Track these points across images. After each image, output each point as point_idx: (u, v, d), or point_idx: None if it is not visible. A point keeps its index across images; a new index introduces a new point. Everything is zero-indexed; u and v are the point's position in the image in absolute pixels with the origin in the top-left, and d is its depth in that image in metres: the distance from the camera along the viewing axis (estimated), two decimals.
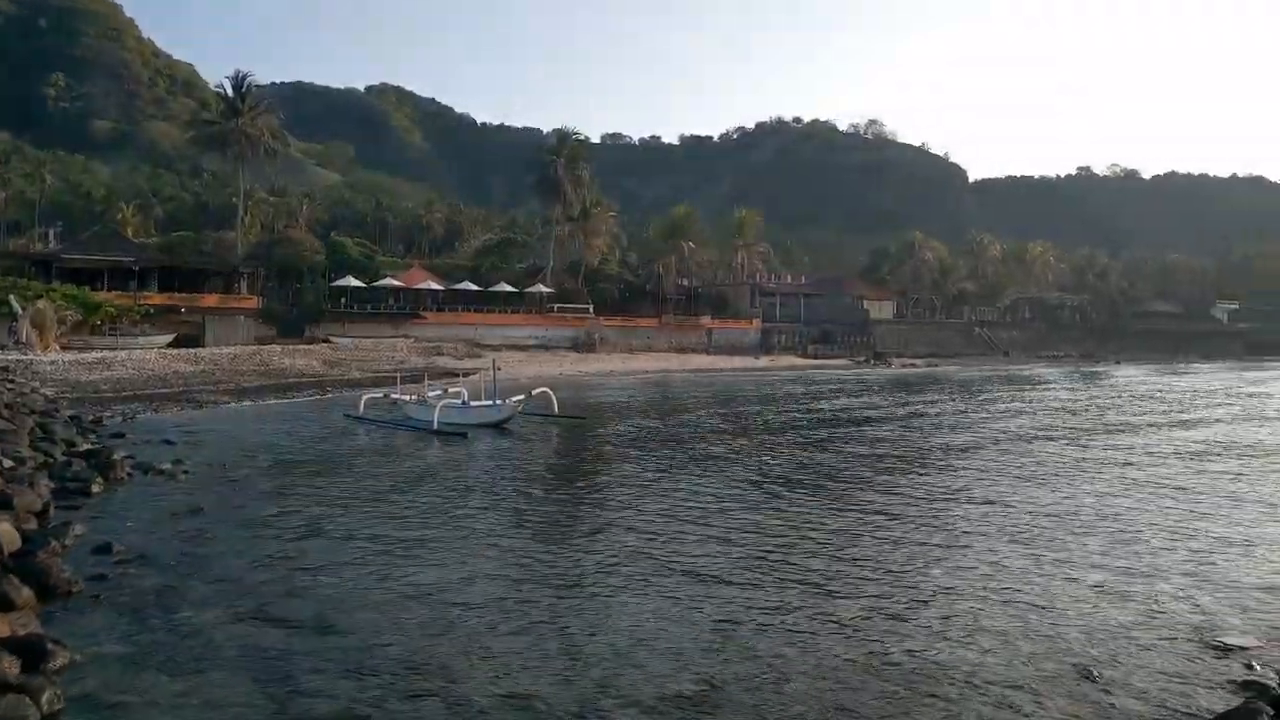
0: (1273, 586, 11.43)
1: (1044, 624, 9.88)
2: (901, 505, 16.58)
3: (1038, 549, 13.32)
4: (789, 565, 12.15)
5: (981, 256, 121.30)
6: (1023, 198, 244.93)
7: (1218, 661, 8.86)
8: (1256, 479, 20.19)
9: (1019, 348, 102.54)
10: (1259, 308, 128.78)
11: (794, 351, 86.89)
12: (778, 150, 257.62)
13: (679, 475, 19.67)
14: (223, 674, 8.07)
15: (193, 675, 8.02)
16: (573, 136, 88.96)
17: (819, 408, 37.83)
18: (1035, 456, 23.72)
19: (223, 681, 7.91)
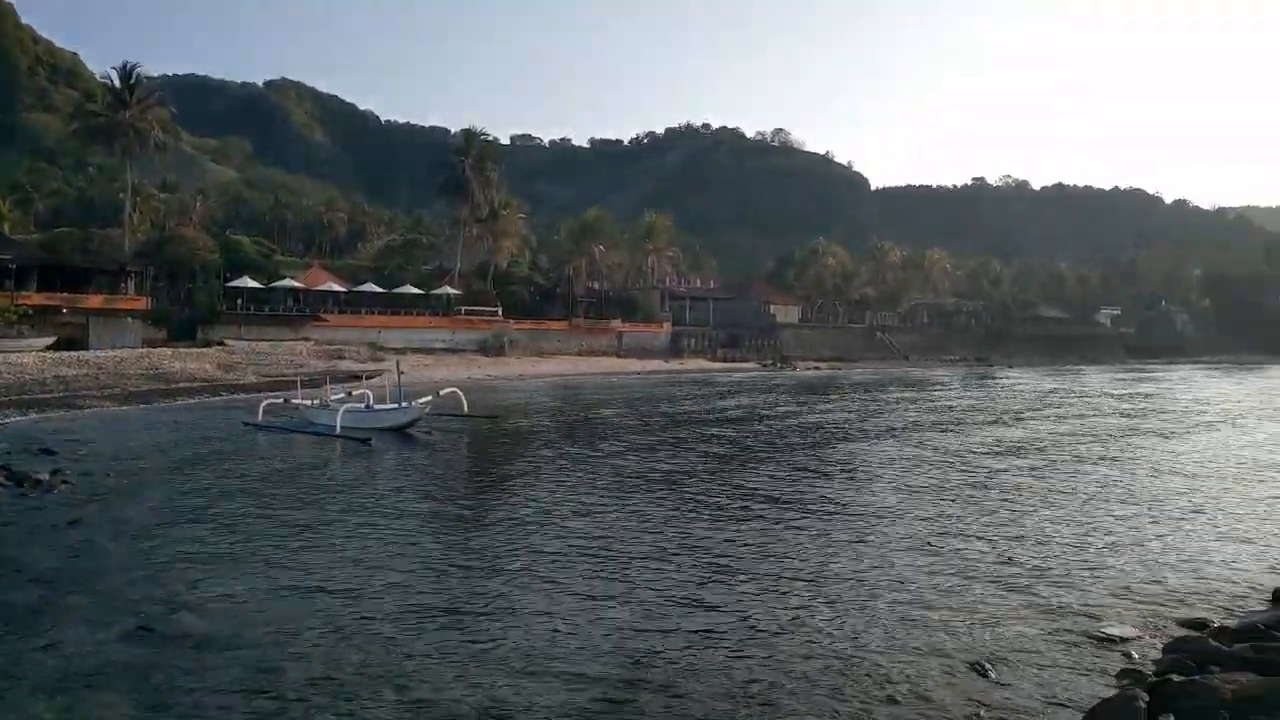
0: (1151, 577, 12.03)
1: (934, 619, 10.18)
2: (802, 504, 16.90)
3: (927, 545, 13.75)
4: (694, 564, 12.24)
5: (882, 263, 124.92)
6: (921, 206, 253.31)
7: (1099, 652, 9.25)
8: (1133, 477, 21.22)
9: (918, 351, 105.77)
10: (1138, 313, 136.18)
11: (703, 355, 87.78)
12: (688, 156, 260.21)
13: (589, 477, 19.61)
14: (103, 695, 7.67)
15: (70, 696, 7.60)
16: (481, 137, 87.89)
17: (726, 410, 38.28)
18: (925, 455, 24.48)
19: (103, 703, 7.52)
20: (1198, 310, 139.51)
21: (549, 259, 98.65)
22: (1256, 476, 21.36)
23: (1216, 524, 15.70)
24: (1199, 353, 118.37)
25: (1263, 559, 13.20)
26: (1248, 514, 16.64)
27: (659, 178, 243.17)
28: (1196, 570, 12.48)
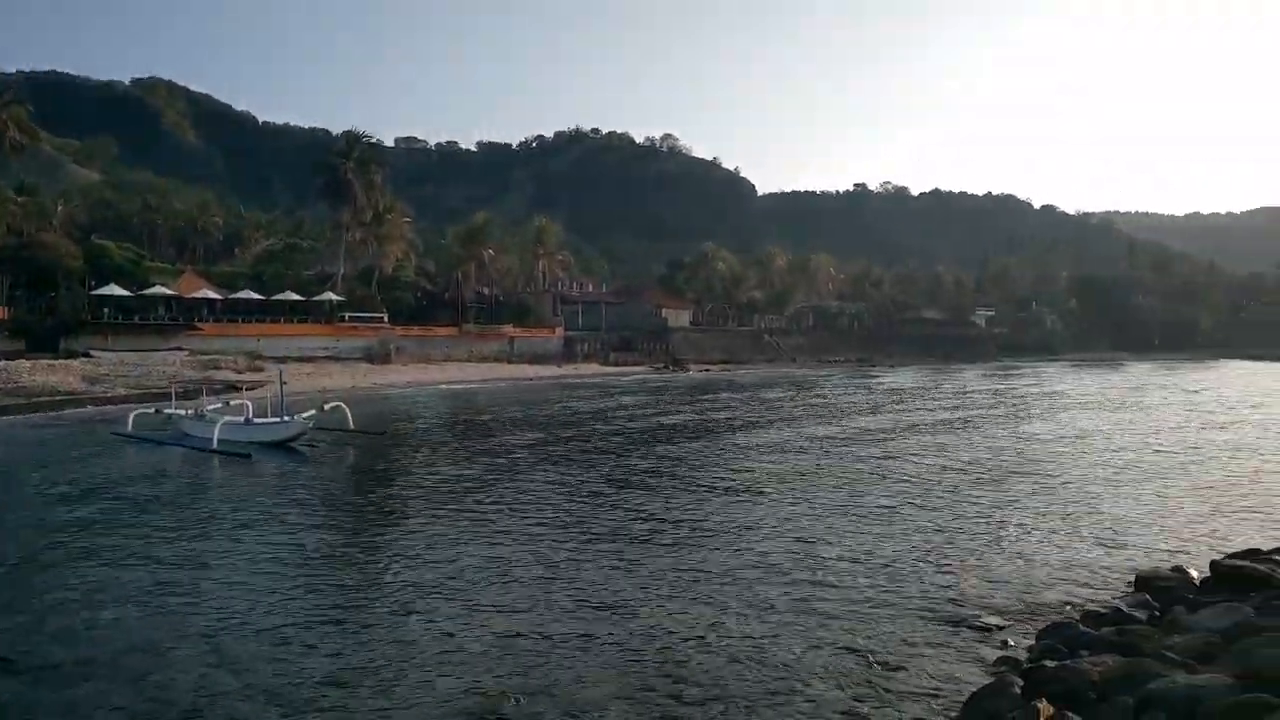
0: (1025, 567, 12.55)
1: (815, 611, 10.42)
2: (690, 503, 17.05)
3: (807, 539, 14.08)
4: (584, 568, 12.16)
5: (770, 267, 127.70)
6: (806, 212, 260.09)
7: (977, 641, 9.59)
8: (1001, 469, 22.19)
9: (804, 353, 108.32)
10: (1011, 314, 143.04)
11: (596, 359, 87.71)
12: (577, 160, 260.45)
13: (479, 489, 19.28)
14: None
15: None
16: (364, 139, 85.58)
17: (621, 413, 38.31)
18: (805, 449, 25.07)
19: None
20: (1066, 310, 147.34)
21: (437, 264, 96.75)
22: (1113, 465, 22.64)
23: (1082, 512, 16.53)
24: (1067, 351, 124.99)
25: (1126, 546, 13.95)
26: (1109, 502, 17.58)
27: (548, 182, 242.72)
28: (1066, 559, 13.08)
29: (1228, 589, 10.29)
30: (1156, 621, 9.65)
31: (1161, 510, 16.86)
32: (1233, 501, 17.66)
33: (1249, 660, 6.79)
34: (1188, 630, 8.70)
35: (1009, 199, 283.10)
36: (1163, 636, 8.69)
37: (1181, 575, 11.46)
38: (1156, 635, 8.81)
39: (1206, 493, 18.66)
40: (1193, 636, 8.32)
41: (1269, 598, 9.10)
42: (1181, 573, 11.59)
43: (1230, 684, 6.39)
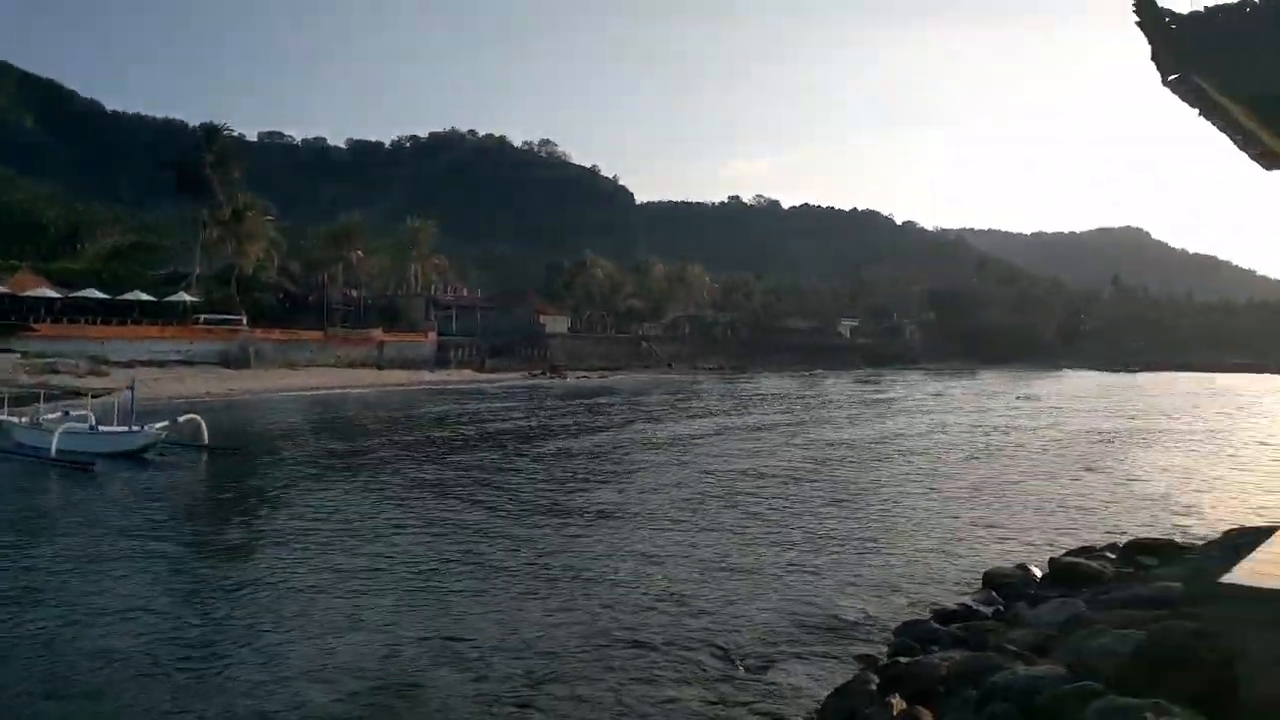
0: (884, 566, 13.00)
1: (680, 613, 10.50)
2: (560, 506, 16.97)
3: (671, 544, 14.23)
4: (450, 572, 11.91)
5: (647, 276, 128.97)
6: (683, 221, 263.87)
7: (838, 639, 9.85)
8: (863, 473, 23.03)
9: (680, 360, 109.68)
10: (873, 325, 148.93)
11: (471, 365, 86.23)
12: (453, 162, 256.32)
13: (341, 502, 18.65)
14: None
15: None
16: (224, 131, 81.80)
17: (494, 419, 37.83)
18: (678, 454, 25.38)
19: None
20: (924, 321, 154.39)
21: (302, 265, 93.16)
22: (967, 467, 23.82)
23: (938, 513, 17.29)
24: (925, 360, 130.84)
25: (978, 544, 14.64)
26: (963, 502, 18.46)
27: (424, 183, 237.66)
28: (923, 559, 13.61)
29: (1064, 584, 10.94)
30: (1001, 616, 10.15)
31: (1011, 509, 17.80)
32: (1072, 501, 18.83)
33: (1079, 651, 7.19)
34: (1028, 624, 9.16)
35: (873, 214, 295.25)
36: (1006, 631, 9.12)
37: (1024, 572, 12.09)
38: (1001, 630, 9.25)
39: (1052, 493, 19.83)
40: (1032, 630, 8.76)
41: (1098, 592, 9.70)
42: (1025, 570, 12.22)
43: (1063, 674, 6.75)
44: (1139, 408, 49.96)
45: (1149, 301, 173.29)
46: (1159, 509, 18.05)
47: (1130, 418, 42.74)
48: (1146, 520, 16.58)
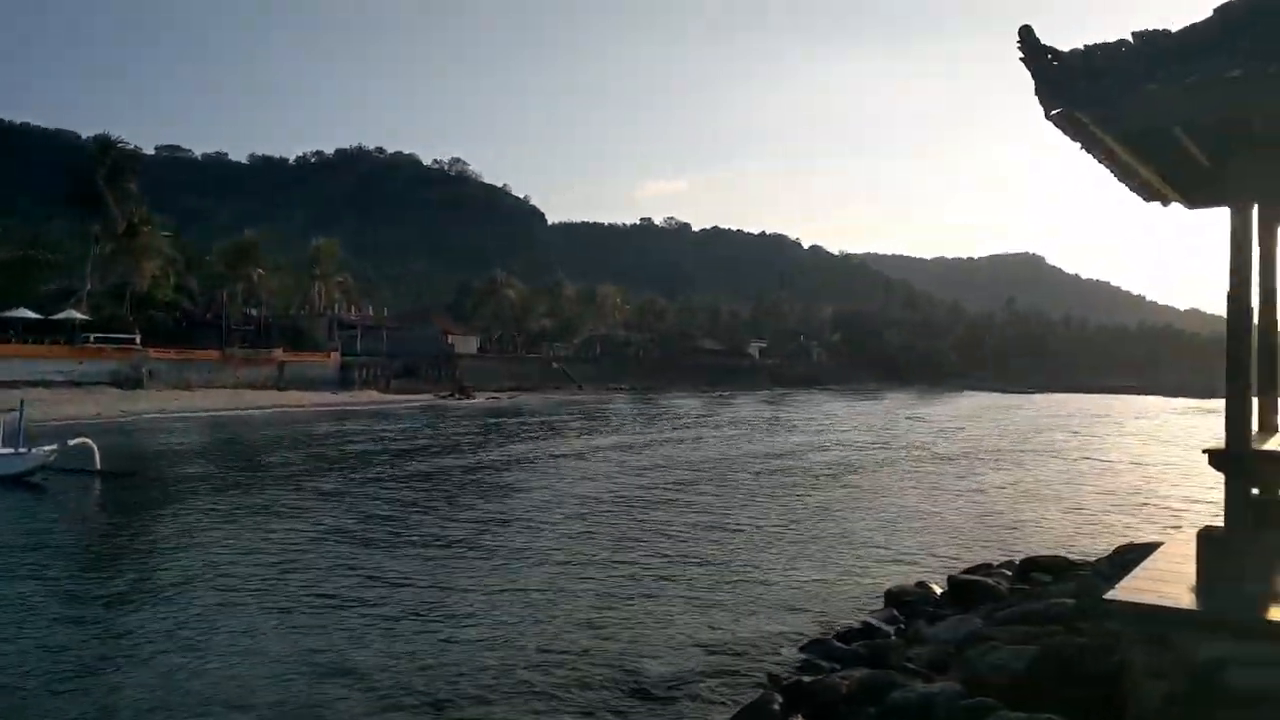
0: (790, 585, 13.11)
1: (586, 636, 10.41)
2: (468, 524, 16.67)
3: (574, 566, 14.12)
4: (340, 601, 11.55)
5: (559, 296, 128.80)
6: (595, 242, 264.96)
7: (744, 659, 9.86)
8: (771, 491, 23.32)
9: (592, 381, 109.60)
10: (781, 346, 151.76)
11: (376, 386, 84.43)
12: (361, 179, 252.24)
13: (237, 527, 17.94)
14: None
15: None
16: (118, 144, 78.53)
17: (391, 442, 37.05)
18: (582, 474, 25.29)
19: None
20: (830, 343, 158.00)
21: (201, 283, 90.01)
22: (872, 485, 24.35)
23: (844, 530, 17.58)
24: (832, 381, 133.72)
25: (879, 562, 14.92)
26: (869, 519, 18.83)
27: (329, 201, 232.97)
28: (829, 577, 13.79)
29: (962, 601, 11.21)
30: (903, 634, 10.33)
31: (912, 527, 18.22)
32: (971, 518, 19.40)
33: (975, 667, 7.36)
34: (927, 641, 9.33)
35: (781, 238, 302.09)
36: (906, 648, 9.28)
37: (925, 590, 12.34)
38: (901, 647, 9.40)
39: (952, 511, 20.40)
40: (931, 647, 8.93)
41: (994, 609, 9.95)
42: (925, 587, 12.48)
43: (959, 690, 6.90)
44: (1032, 427, 52.01)
45: (1044, 325, 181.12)
46: (1053, 526, 18.73)
47: (1023, 436, 44.46)
48: (1041, 537, 17.17)
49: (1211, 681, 4.66)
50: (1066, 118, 5.09)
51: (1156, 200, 7.38)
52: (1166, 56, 5.06)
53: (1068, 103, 4.97)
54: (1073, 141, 5.53)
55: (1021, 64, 5.02)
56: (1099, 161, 6.11)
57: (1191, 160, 6.24)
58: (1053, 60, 4.94)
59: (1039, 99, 5.01)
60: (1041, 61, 4.93)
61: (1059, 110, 5.01)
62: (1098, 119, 5.09)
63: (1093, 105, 4.97)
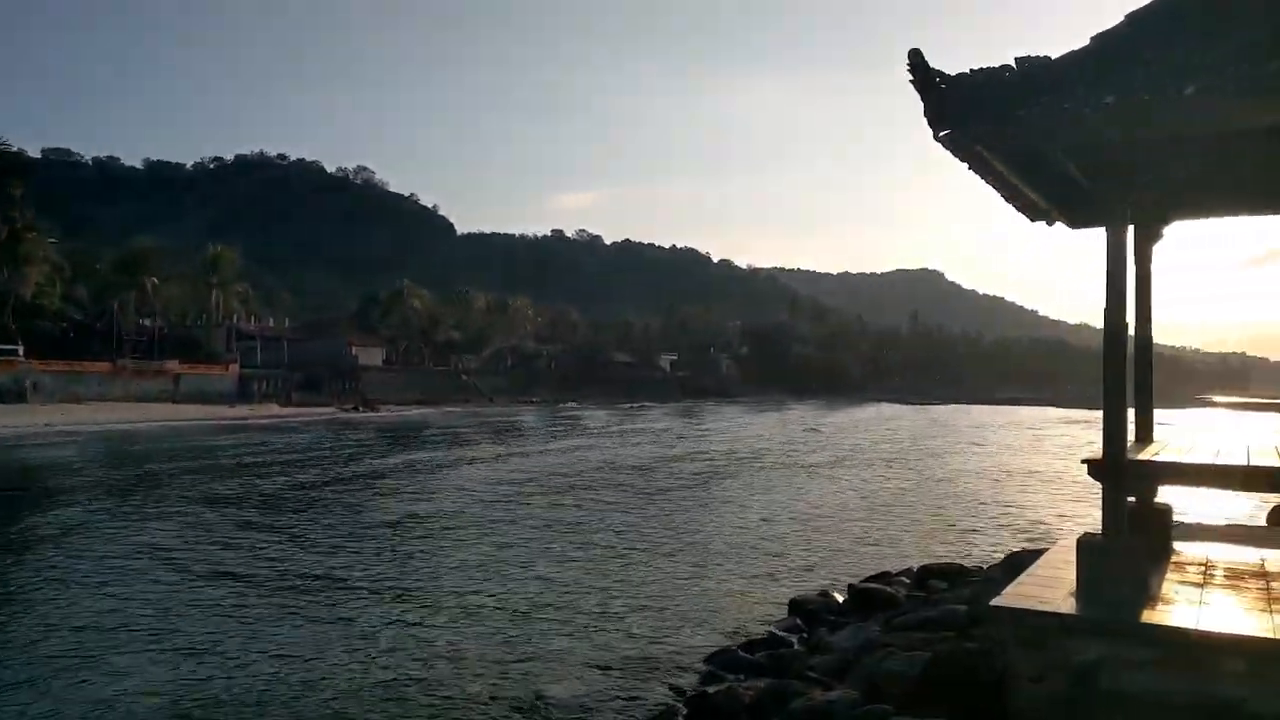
0: (697, 595, 13.16)
1: (485, 652, 10.25)
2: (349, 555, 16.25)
3: (473, 578, 13.97)
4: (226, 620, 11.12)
5: (468, 307, 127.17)
6: (506, 253, 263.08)
7: (647, 671, 9.85)
8: (675, 504, 23.44)
9: (502, 394, 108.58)
10: (692, 358, 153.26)
11: (276, 399, 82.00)
12: (261, 185, 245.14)
13: (123, 544, 17.11)
14: None
15: None
16: (1, 146, 74.63)
17: (288, 456, 35.97)
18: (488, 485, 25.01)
19: None
20: (739, 356, 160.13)
21: (91, 292, 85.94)
22: (775, 494, 24.70)
23: (746, 541, 17.76)
24: (740, 394, 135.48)
25: (783, 571, 15.11)
26: (774, 529, 19.07)
27: (228, 208, 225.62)
28: (734, 587, 13.89)
29: (862, 609, 11.44)
30: (805, 643, 10.47)
31: (816, 535, 18.52)
32: (872, 526, 19.84)
33: (872, 674, 7.51)
34: (828, 650, 9.49)
35: (691, 252, 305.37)
36: (808, 657, 9.41)
37: (827, 598, 12.55)
38: (803, 656, 9.53)
39: (853, 519, 20.83)
40: (831, 655, 9.08)
41: (891, 616, 10.19)
42: (827, 596, 12.68)
43: (857, 697, 7.03)
44: (932, 437, 53.64)
45: (945, 339, 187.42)
46: (952, 533, 19.30)
47: (924, 447, 45.80)
48: (940, 544, 17.68)
49: (1088, 683, 4.85)
50: (953, 139, 5.27)
51: (1042, 220, 7.71)
52: (1047, 83, 5.29)
53: (954, 125, 5.14)
54: (961, 162, 5.73)
55: (911, 86, 5.17)
56: (986, 182, 6.35)
57: (1073, 182, 6.54)
58: (940, 83, 5.11)
59: (928, 121, 5.17)
60: (930, 84, 5.10)
61: (946, 132, 5.18)
62: (983, 141, 5.29)
63: (978, 128, 5.16)
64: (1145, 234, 7.41)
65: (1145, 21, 5.49)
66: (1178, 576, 6.10)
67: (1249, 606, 5.35)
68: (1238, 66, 4.87)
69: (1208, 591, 5.68)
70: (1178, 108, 4.86)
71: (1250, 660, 4.62)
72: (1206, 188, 7.32)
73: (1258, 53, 4.91)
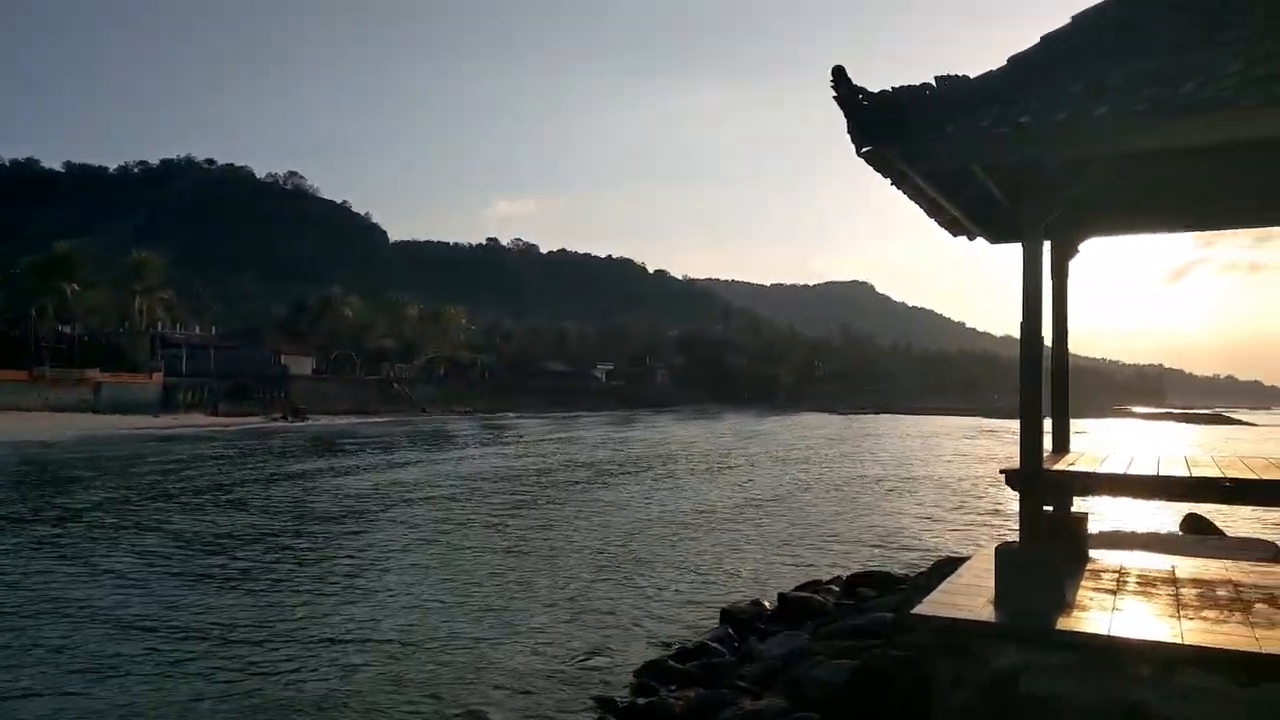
0: (630, 608, 13.13)
1: (409, 665, 10.09)
2: (290, 558, 15.88)
3: (398, 591, 13.76)
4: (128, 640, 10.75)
5: (401, 316, 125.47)
6: (441, 261, 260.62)
7: (578, 682, 9.78)
8: (605, 513, 23.40)
9: (434, 403, 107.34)
10: (628, 368, 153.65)
11: (202, 409, 79.89)
12: (189, 191, 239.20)
13: (23, 562, 16.44)
14: None
15: None
16: None
17: (211, 467, 34.99)
18: (417, 496, 24.68)
19: None
20: (674, 366, 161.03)
21: (7, 298, 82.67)
22: (707, 503, 24.81)
23: (677, 550, 17.79)
24: (676, 403, 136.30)
25: (715, 581, 15.17)
26: (705, 538, 19.14)
27: (154, 213, 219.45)
28: (668, 597, 13.90)
29: (793, 618, 11.53)
30: (736, 652, 10.51)
31: (751, 545, 18.64)
32: (809, 535, 20.06)
33: (800, 683, 7.57)
34: (758, 659, 9.54)
35: (627, 263, 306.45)
36: (739, 666, 9.45)
37: (758, 607, 12.62)
38: (734, 666, 9.57)
39: (786, 527, 21.03)
40: (761, 664, 9.13)
41: (821, 624, 10.29)
42: (758, 605, 12.76)
43: (784, 706, 7.07)
44: (862, 446, 54.55)
45: (875, 350, 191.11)
46: (881, 540, 19.59)
47: (855, 455, 46.55)
48: (870, 552, 17.94)
49: (1006, 690, 4.95)
50: (875, 156, 5.37)
51: (963, 235, 7.89)
52: (966, 101, 5.43)
53: (875, 142, 5.24)
54: (884, 178, 5.84)
55: (835, 103, 5.25)
56: (909, 197, 6.48)
57: (992, 198, 6.70)
58: (863, 100, 5.20)
59: (850, 137, 5.26)
60: (853, 101, 5.18)
61: (868, 149, 5.28)
62: (903, 158, 5.40)
63: (899, 145, 5.26)
64: (1062, 250, 7.63)
65: (1058, 44, 5.68)
66: (1092, 584, 6.27)
67: (1158, 612, 5.52)
68: (1147, 89, 5.05)
69: (1120, 598, 5.85)
70: (1089, 128, 5.02)
71: (1157, 665, 4.77)
72: (1121, 206, 7.58)
73: (1166, 76, 5.10)
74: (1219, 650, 4.75)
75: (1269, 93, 4.63)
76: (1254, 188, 7.18)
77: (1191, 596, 5.95)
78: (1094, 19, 5.73)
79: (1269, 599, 5.86)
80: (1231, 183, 7.15)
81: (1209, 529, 13.72)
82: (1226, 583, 6.43)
